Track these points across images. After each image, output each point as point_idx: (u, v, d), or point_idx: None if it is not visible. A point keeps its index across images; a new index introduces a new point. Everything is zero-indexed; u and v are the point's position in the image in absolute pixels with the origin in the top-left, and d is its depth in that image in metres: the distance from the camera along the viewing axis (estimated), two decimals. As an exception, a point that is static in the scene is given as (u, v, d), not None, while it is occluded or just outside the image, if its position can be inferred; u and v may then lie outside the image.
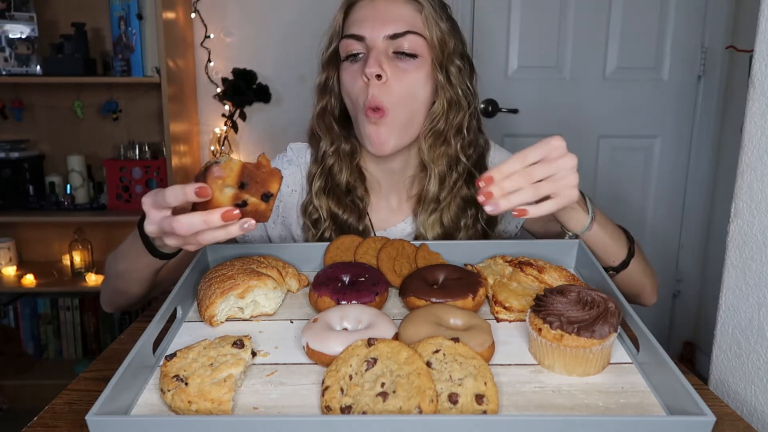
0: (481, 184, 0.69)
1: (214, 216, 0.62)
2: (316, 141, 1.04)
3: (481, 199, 0.69)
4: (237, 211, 0.63)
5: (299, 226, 1.05)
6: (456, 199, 1.00)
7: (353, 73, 0.93)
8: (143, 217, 0.75)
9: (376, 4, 0.92)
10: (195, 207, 0.65)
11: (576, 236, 0.85)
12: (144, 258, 0.80)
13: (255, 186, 0.64)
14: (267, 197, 0.65)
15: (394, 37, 0.90)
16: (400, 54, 0.91)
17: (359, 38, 0.92)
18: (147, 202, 0.68)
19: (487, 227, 1.03)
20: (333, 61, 0.98)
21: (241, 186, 0.64)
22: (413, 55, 0.92)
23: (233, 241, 0.96)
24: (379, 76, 0.89)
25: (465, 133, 0.99)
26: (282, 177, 0.66)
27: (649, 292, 0.96)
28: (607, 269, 0.87)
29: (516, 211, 0.70)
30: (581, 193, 0.80)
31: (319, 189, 1.01)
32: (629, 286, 0.92)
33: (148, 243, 0.78)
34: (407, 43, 0.91)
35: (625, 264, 0.88)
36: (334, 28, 0.97)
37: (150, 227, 0.69)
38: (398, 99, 0.91)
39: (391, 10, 0.92)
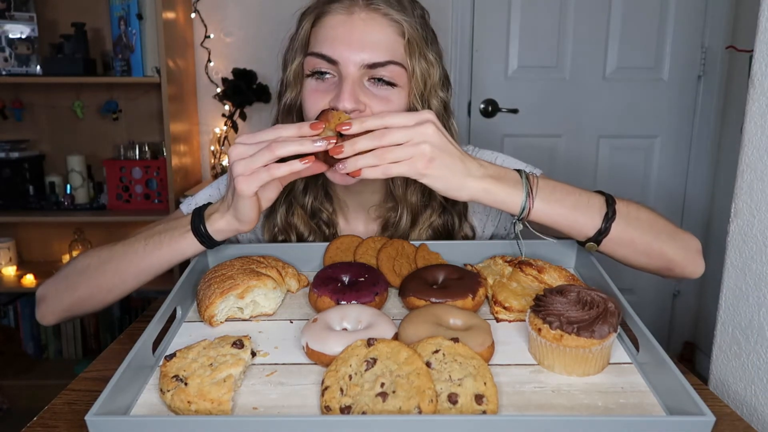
0: (327, 144, 0.69)
1: (306, 126, 0.69)
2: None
3: (332, 150, 0.68)
4: (320, 140, 0.69)
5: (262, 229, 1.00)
6: (427, 231, 0.95)
7: (319, 95, 0.83)
8: (202, 209, 0.79)
9: (353, 22, 0.81)
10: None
11: (519, 219, 0.75)
12: (180, 242, 0.78)
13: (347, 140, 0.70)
14: None
15: (372, 66, 0.80)
16: (377, 81, 0.82)
17: (331, 61, 0.81)
18: (243, 138, 0.70)
19: None
20: (298, 76, 0.88)
21: (339, 135, 0.70)
22: (392, 84, 0.82)
23: (234, 240, 0.96)
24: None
25: None
26: None
27: (679, 259, 0.81)
28: (583, 243, 0.79)
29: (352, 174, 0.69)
30: (520, 172, 0.75)
31: (283, 213, 0.95)
32: (641, 256, 0.80)
33: (199, 222, 0.78)
34: (387, 73, 0.81)
35: (602, 232, 0.76)
36: (300, 37, 0.87)
37: (239, 148, 0.70)
38: None
39: (370, 31, 0.81)
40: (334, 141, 0.68)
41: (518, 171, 0.76)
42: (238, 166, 0.69)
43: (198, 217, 0.78)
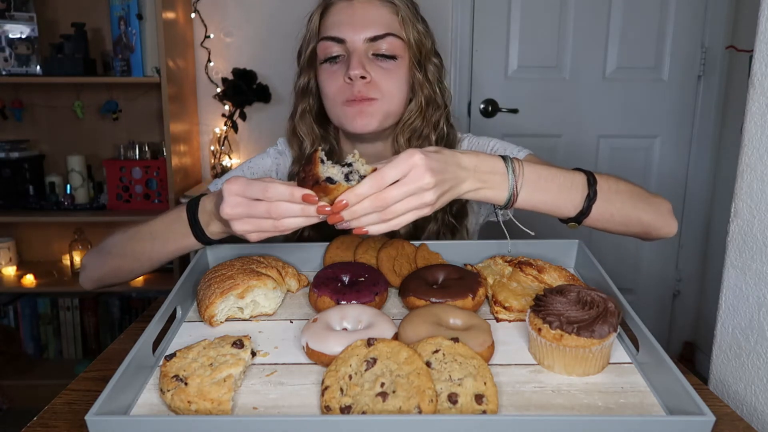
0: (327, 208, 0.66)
1: (312, 209, 0.66)
2: (297, 142, 1.08)
3: (330, 219, 0.66)
4: (329, 207, 0.66)
5: None
6: None
7: (333, 74, 0.96)
8: (195, 201, 0.79)
9: (354, 7, 0.95)
10: None
11: (504, 207, 0.77)
12: (184, 241, 0.82)
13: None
14: None
15: (374, 39, 0.94)
16: (379, 56, 0.95)
17: (339, 41, 0.95)
18: (233, 189, 0.68)
19: (455, 220, 1.05)
20: (311, 62, 1.01)
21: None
22: (393, 57, 0.96)
23: (233, 240, 0.96)
24: (363, 77, 0.93)
25: (440, 129, 1.03)
26: None
27: (655, 223, 0.86)
28: (566, 220, 0.81)
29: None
30: (505, 158, 0.75)
31: None
32: (619, 227, 0.84)
33: (198, 229, 0.79)
34: (386, 45, 0.95)
35: (584, 212, 0.79)
36: (310, 29, 1.00)
37: (233, 210, 0.68)
38: (384, 93, 0.96)
39: (369, 12, 0.95)
40: (329, 208, 0.66)
41: (504, 160, 0.75)
42: (239, 225, 0.69)
43: (197, 226, 0.79)
